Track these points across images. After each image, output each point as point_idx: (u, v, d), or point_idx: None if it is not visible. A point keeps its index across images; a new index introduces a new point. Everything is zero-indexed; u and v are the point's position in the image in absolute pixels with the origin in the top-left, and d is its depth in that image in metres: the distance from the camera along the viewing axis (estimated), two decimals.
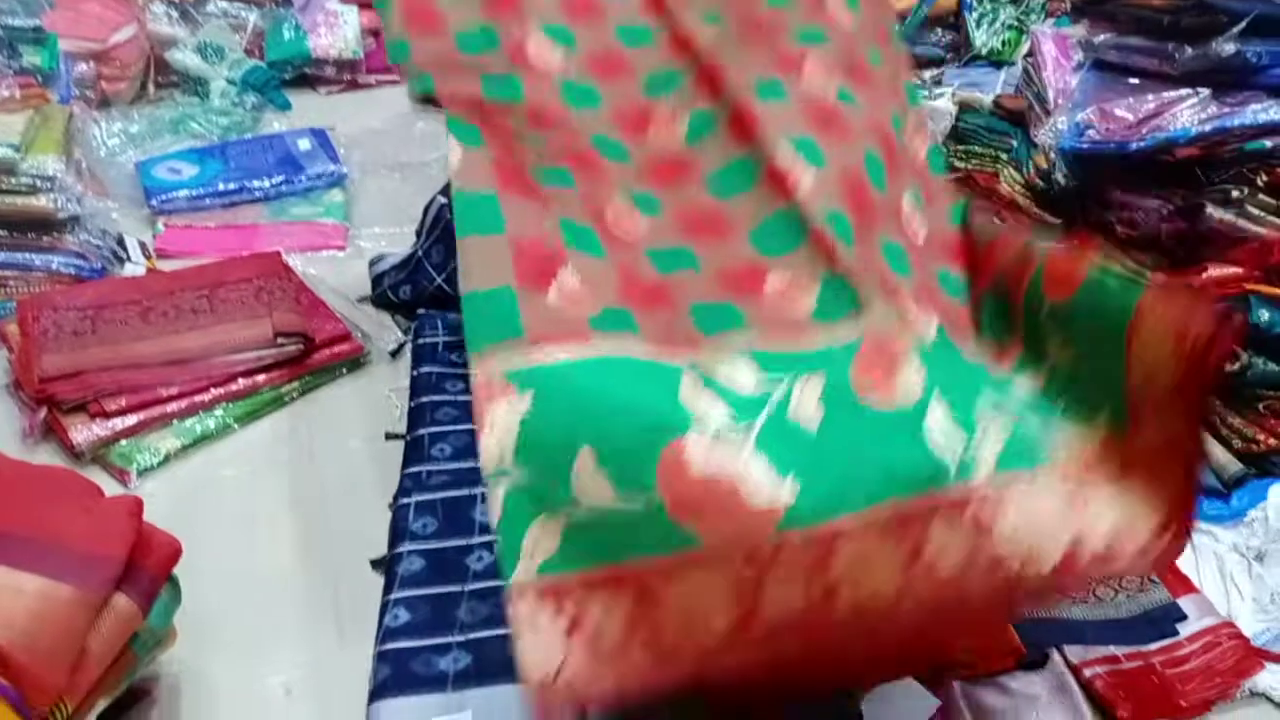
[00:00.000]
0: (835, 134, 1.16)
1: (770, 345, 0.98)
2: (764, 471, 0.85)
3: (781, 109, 1.17)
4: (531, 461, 0.87)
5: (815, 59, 1.25)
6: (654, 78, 1.32)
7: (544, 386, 0.88)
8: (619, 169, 1.21)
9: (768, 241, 1.09)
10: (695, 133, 1.23)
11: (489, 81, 1.24)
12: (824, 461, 0.87)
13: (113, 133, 2.45)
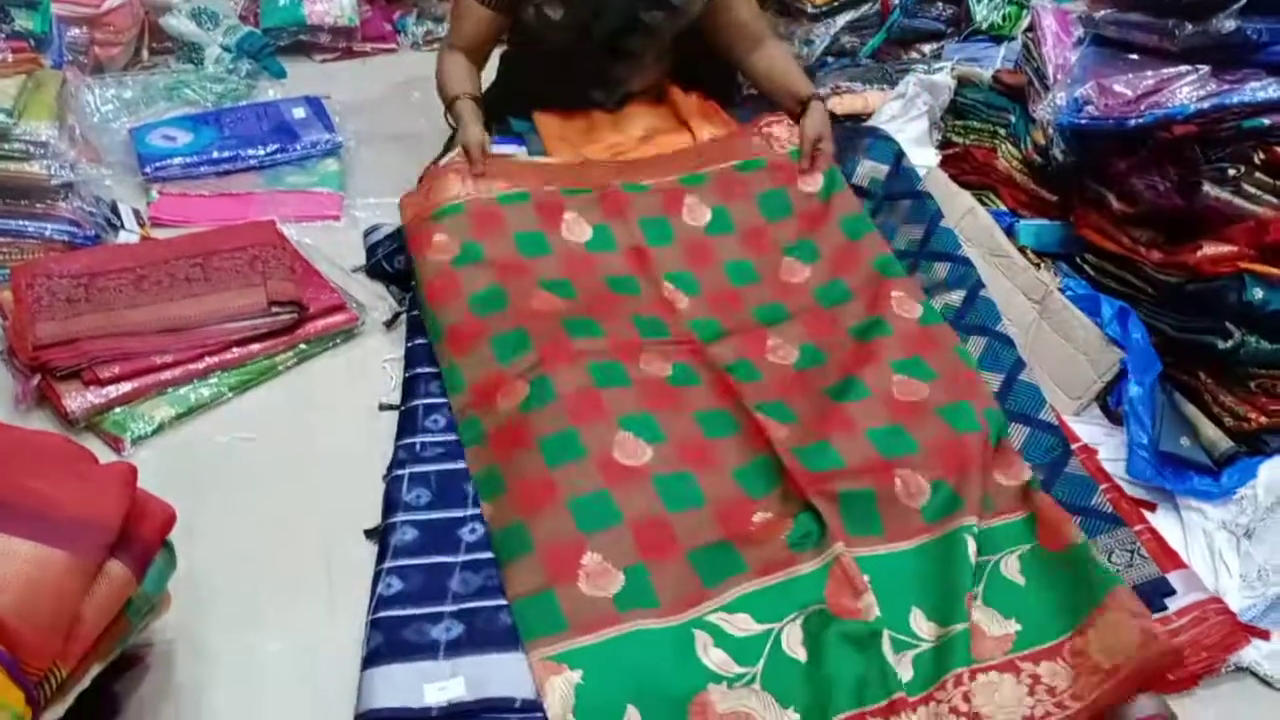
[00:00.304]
0: (797, 392, 1.58)
1: (761, 583, 1.29)
2: (770, 706, 1.18)
3: (752, 386, 1.56)
4: (588, 718, 1.16)
5: (775, 335, 1.67)
6: (639, 320, 1.67)
7: (590, 662, 1.20)
8: (619, 397, 1.51)
9: (750, 482, 1.43)
10: (677, 379, 1.57)
11: (499, 344, 1.58)
12: (812, 686, 1.19)
13: (106, 99, 2.43)
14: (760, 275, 1.81)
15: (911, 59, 2.60)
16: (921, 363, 1.61)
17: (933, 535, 1.36)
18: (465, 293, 1.67)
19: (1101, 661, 1.21)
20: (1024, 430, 1.59)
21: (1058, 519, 1.37)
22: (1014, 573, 1.34)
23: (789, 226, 1.88)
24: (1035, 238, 1.88)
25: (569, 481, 1.39)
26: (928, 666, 1.22)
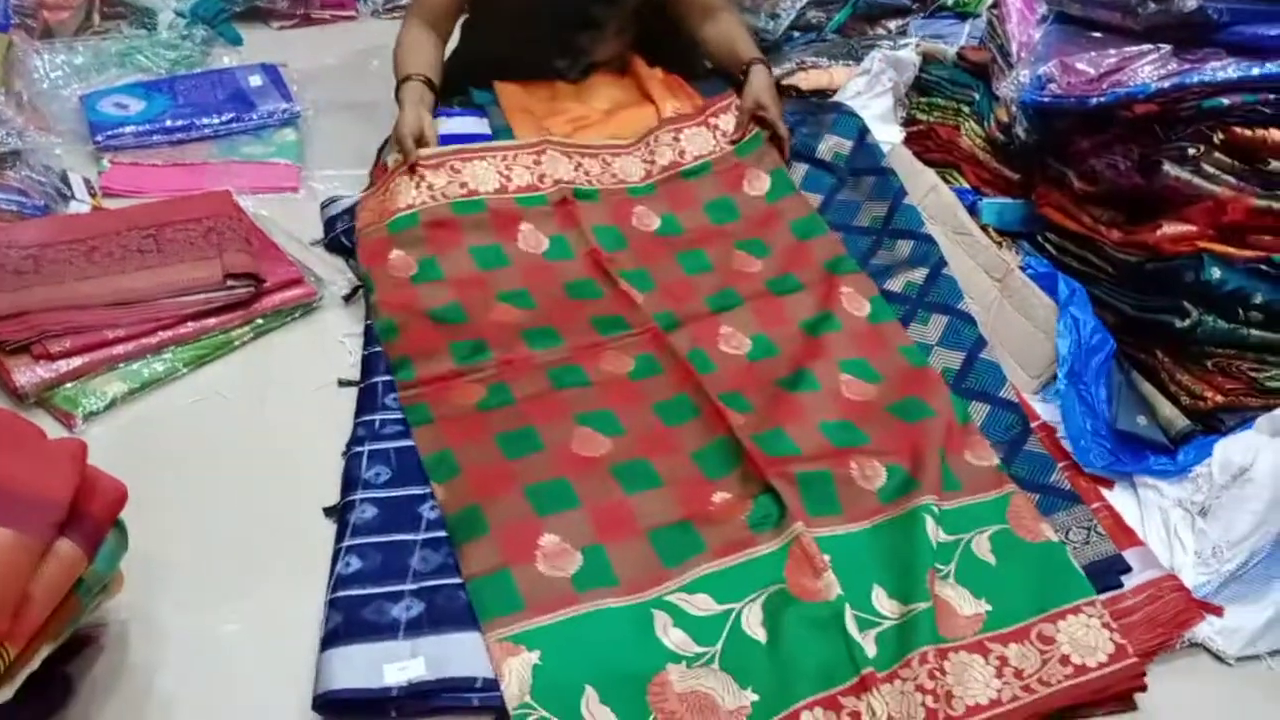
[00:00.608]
0: (750, 382, 1.61)
1: (721, 564, 1.30)
2: (728, 685, 1.18)
3: (710, 377, 1.59)
4: (545, 700, 1.15)
5: (727, 324, 1.70)
6: (599, 320, 1.69)
7: (548, 643, 1.20)
8: (578, 396, 1.54)
9: (709, 463, 1.45)
10: (639, 372, 1.60)
11: (459, 350, 1.60)
12: (773, 667, 1.20)
13: (55, 64, 2.36)
14: (713, 264, 1.84)
15: (877, 35, 2.58)
16: (868, 366, 1.64)
17: (889, 515, 1.38)
18: (424, 307, 1.69)
19: (1070, 654, 1.24)
20: (984, 408, 1.60)
21: (1031, 514, 1.41)
22: (985, 552, 1.36)
23: (737, 228, 1.91)
24: (997, 216, 1.89)
25: (526, 471, 1.40)
26: (891, 644, 1.23)
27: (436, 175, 1.84)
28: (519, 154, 1.92)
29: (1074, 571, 1.33)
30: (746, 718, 1.16)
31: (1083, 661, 1.23)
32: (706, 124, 2.02)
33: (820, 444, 1.49)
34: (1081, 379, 1.57)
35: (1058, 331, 1.61)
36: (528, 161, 1.92)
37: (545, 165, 1.92)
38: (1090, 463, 1.52)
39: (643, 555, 1.31)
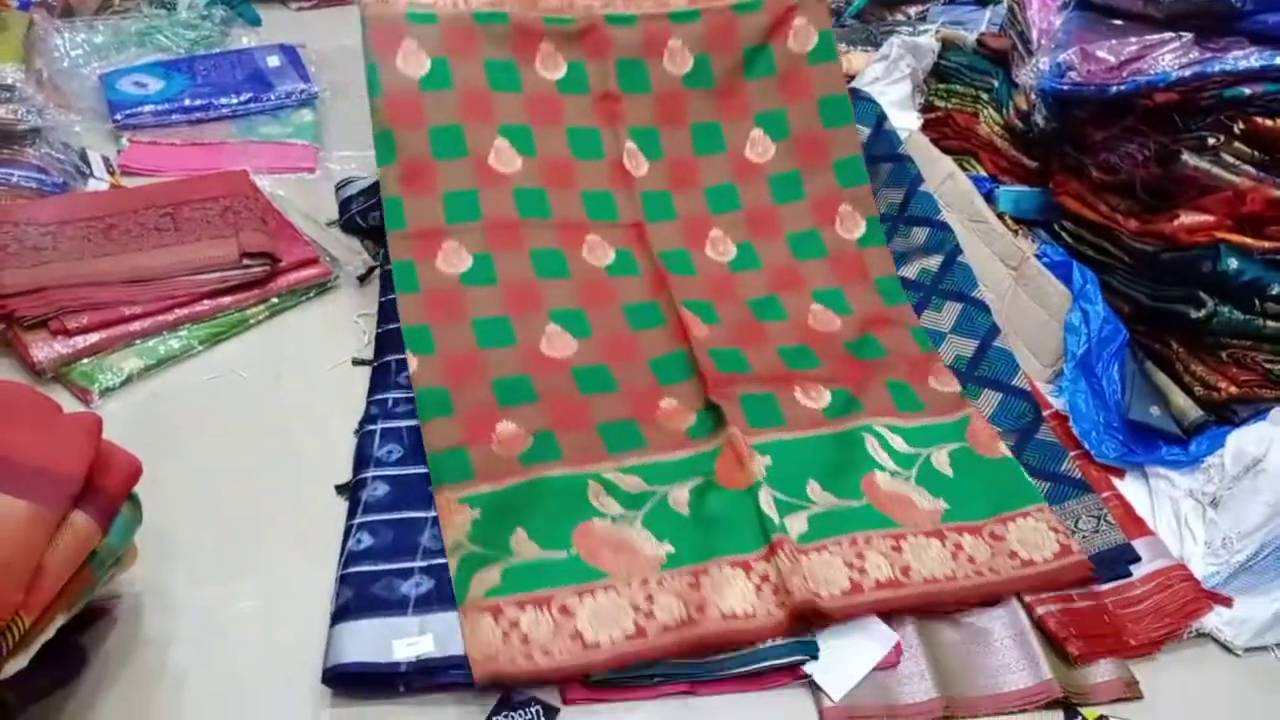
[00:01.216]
0: (726, 295, 1.69)
1: (656, 457, 1.43)
2: (647, 537, 1.33)
3: (686, 281, 1.68)
4: (479, 540, 1.30)
5: (719, 228, 1.75)
6: (590, 196, 1.73)
7: (488, 504, 1.34)
8: (555, 289, 1.62)
9: (666, 372, 1.56)
10: (617, 268, 1.68)
11: (452, 201, 1.64)
12: (692, 531, 1.33)
13: (76, 43, 2.37)
14: (726, 145, 1.83)
15: (896, 21, 2.57)
16: (841, 296, 1.73)
17: (832, 429, 1.50)
18: (426, 123, 1.67)
19: (1019, 551, 1.36)
20: (996, 396, 1.60)
21: (989, 433, 1.52)
22: (944, 465, 1.48)
23: (768, 88, 1.85)
24: (1014, 204, 1.88)
25: (495, 363, 1.53)
26: (822, 524, 1.36)
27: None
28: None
29: (1025, 482, 1.45)
30: (660, 564, 1.29)
31: (1029, 556, 1.35)
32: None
33: (773, 366, 1.60)
34: (1093, 371, 1.56)
35: (1067, 325, 1.61)
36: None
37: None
38: (1102, 453, 1.52)
39: (588, 440, 1.44)
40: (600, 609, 1.24)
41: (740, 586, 1.27)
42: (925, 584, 1.31)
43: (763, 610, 1.25)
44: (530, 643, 1.20)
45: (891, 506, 1.40)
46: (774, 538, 1.30)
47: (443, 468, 1.39)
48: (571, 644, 1.20)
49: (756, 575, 1.28)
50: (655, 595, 1.26)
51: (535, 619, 1.22)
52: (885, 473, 1.44)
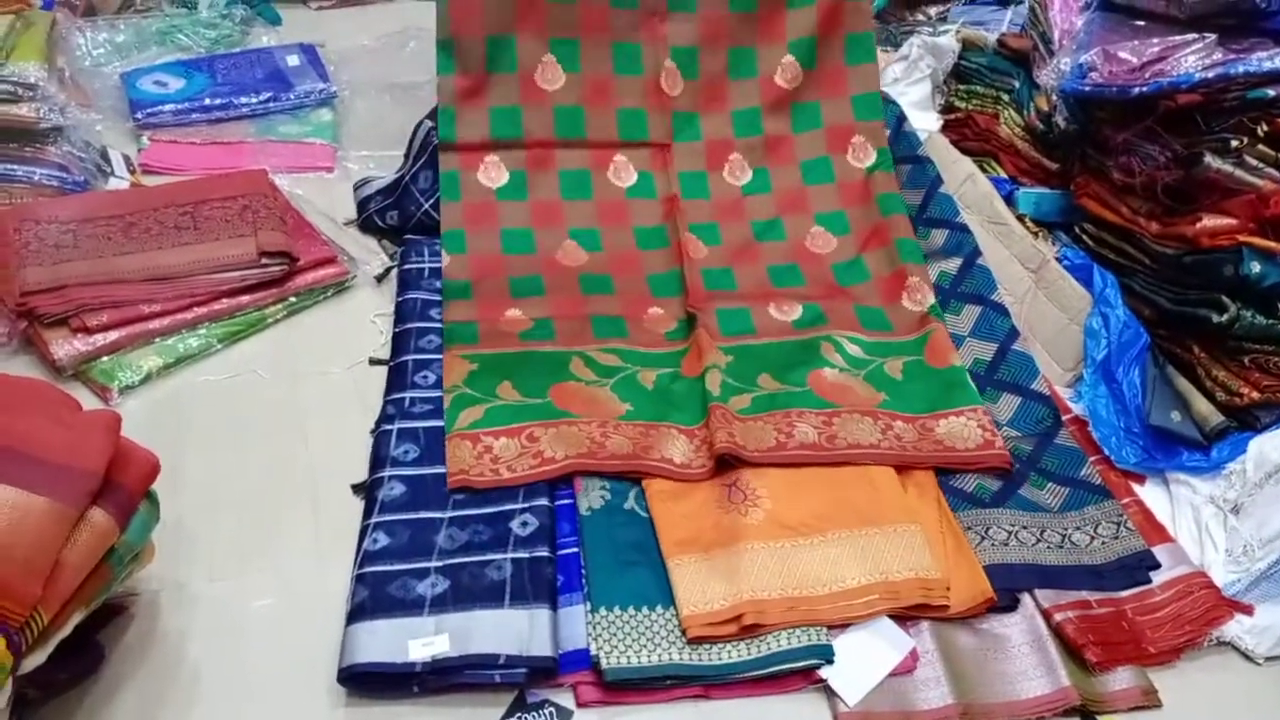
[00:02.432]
0: (733, 218, 1.88)
1: (634, 347, 1.65)
2: (613, 397, 1.55)
3: (697, 205, 1.88)
4: (472, 385, 1.55)
5: (738, 152, 1.92)
6: (624, 114, 1.90)
7: (485, 361, 1.60)
8: (577, 209, 1.85)
9: (659, 286, 1.78)
10: (636, 190, 1.89)
11: (497, 117, 1.85)
12: (652, 399, 1.56)
13: (98, 42, 2.39)
14: (759, 70, 1.94)
15: (917, 21, 2.55)
16: (842, 216, 1.88)
17: (797, 337, 1.67)
18: (484, 32, 1.83)
19: (944, 439, 1.51)
20: (1015, 400, 1.59)
21: (946, 346, 1.65)
22: (895, 371, 1.63)
23: (805, 17, 1.93)
24: (1034, 206, 1.87)
25: (514, 265, 1.77)
26: (762, 403, 1.54)
27: None
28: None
29: (966, 386, 1.59)
30: (618, 416, 1.51)
31: (952, 444, 1.50)
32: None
33: (759, 283, 1.79)
34: (1113, 376, 1.55)
35: (1087, 329, 1.60)
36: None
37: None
38: (1123, 459, 1.50)
39: (579, 327, 1.67)
40: (561, 435, 1.46)
41: (682, 444, 1.47)
42: (848, 448, 1.47)
43: (697, 462, 1.45)
44: (498, 461, 1.43)
45: (832, 394, 1.57)
46: (710, 405, 1.49)
47: (454, 334, 1.63)
48: (532, 460, 1.43)
49: (698, 440, 1.48)
50: (609, 434, 1.47)
51: (506, 444, 1.45)
52: (834, 369, 1.62)
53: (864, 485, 1.44)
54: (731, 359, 1.62)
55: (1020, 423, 1.56)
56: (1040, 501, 1.44)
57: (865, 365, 1.64)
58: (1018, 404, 1.59)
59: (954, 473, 1.48)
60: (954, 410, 1.55)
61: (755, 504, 1.39)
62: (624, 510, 1.39)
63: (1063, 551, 1.37)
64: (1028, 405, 1.58)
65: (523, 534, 1.33)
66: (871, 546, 1.35)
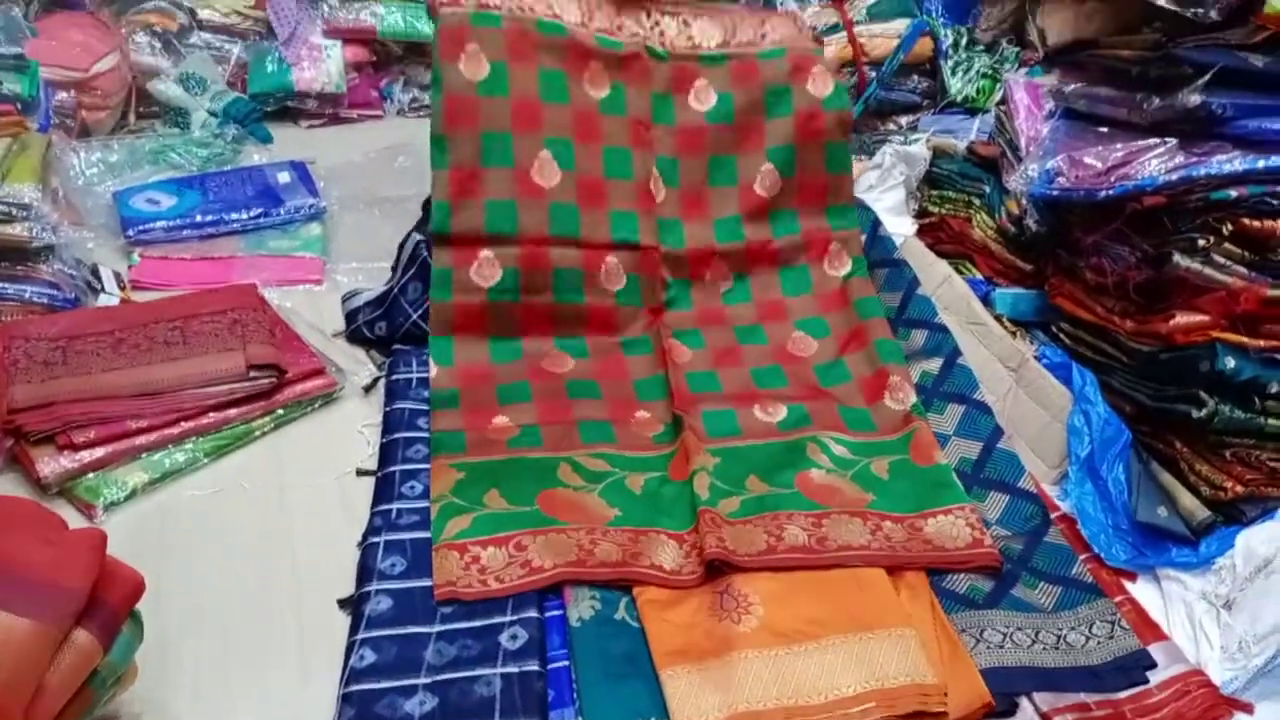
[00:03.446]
0: (715, 323, 1.91)
1: (622, 452, 1.66)
2: (601, 503, 1.56)
3: (681, 315, 1.92)
4: (459, 494, 1.55)
5: (718, 261, 1.95)
6: (617, 215, 1.91)
7: (472, 470, 1.60)
8: (565, 314, 1.87)
9: (645, 390, 1.80)
10: (622, 298, 1.90)
11: (493, 210, 1.83)
12: (640, 505, 1.56)
13: (91, 162, 2.44)
14: (738, 179, 1.98)
15: (888, 130, 2.65)
16: (822, 321, 1.92)
17: (782, 439, 1.68)
18: (480, 129, 1.84)
19: (933, 539, 1.51)
20: (1003, 498, 1.59)
21: (929, 443, 1.66)
22: (881, 471, 1.64)
23: (784, 125, 1.98)
24: (1011, 306, 1.91)
25: (502, 374, 1.78)
26: (751, 505, 1.54)
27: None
28: (602, 2, 1.97)
29: (953, 485, 1.59)
30: (607, 522, 1.51)
31: (943, 544, 1.50)
32: (794, 18, 2.07)
33: (743, 384, 1.81)
34: (1098, 473, 1.56)
35: (1070, 427, 1.62)
36: (609, 11, 1.96)
37: (624, 19, 1.97)
38: (1113, 556, 1.50)
39: (566, 431, 1.68)
40: (549, 543, 1.46)
41: (672, 550, 1.47)
42: (839, 550, 1.47)
43: (687, 568, 1.45)
44: (486, 571, 1.42)
45: (820, 495, 1.58)
46: (700, 509, 1.49)
47: (442, 443, 1.64)
48: (521, 569, 1.42)
49: (687, 545, 1.48)
50: (598, 540, 1.47)
51: (494, 553, 1.45)
52: (821, 470, 1.63)
53: (856, 588, 1.43)
54: (719, 461, 1.62)
55: (1009, 521, 1.56)
56: (1033, 601, 1.43)
57: (852, 465, 1.64)
58: (1005, 502, 1.59)
59: (945, 573, 1.48)
60: (942, 509, 1.55)
61: (748, 611, 1.38)
62: (615, 620, 1.38)
63: (1059, 653, 1.36)
64: (1016, 503, 1.58)
65: (512, 647, 1.31)
66: (866, 652, 1.33)
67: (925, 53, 2.67)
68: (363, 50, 2.92)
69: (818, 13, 2.62)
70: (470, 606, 1.37)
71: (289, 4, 2.85)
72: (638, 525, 1.51)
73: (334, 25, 2.86)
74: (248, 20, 2.85)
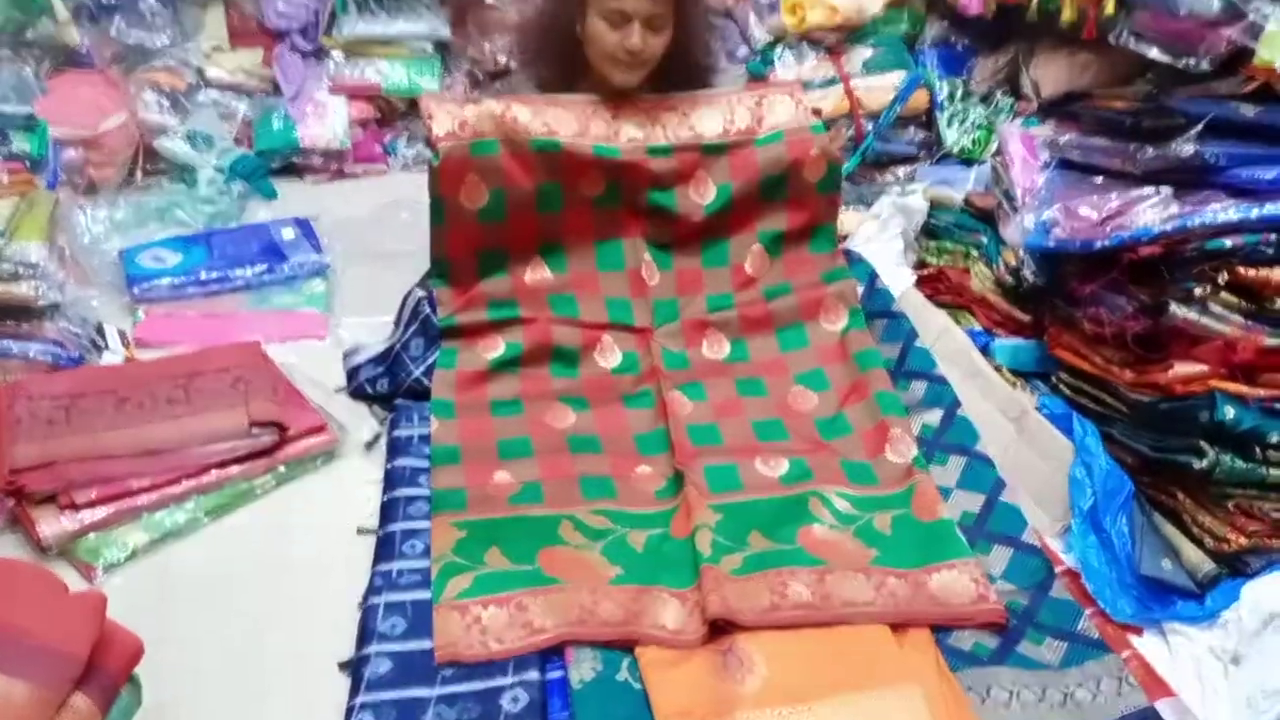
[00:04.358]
0: (716, 376, 1.93)
1: (624, 508, 1.66)
2: (603, 560, 1.56)
3: (680, 371, 1.93)
4: (460, 553, 1.55)
5: (713, 330, 1.98)
6: (612, 301, 1.99)
7: (474, 528, 1.60)
8: (565, 383, 1.91)
9: (646, 444, 1.81)
10: (621, 368, 1.95)
11: (494, 305, 1.94)
12: (642, 562, 1.56)
13: (98, 219, 2.45)
14: (729, 259, 2.03)
15: (886, 181, 2.67)
16: (822, 374, 1.94)
17: (784, 493, 1.68)
18: (478, 249, 1.93)
19: (937, 594, 1.51)
20: (1007, 552, 1.58)
21: (932, 498, 1.66)
22: (884, 527, 1.63)
23: (776, 209, 2.02)
24: (1011, 357, 1.91)
25: (503, 429, 1.80)
26: (754, 562, 1.54)
27: (521, 109, 1.91)
28: (597, 107, 1.97)
29: (956, 539, 1.59)
30: (609, 580, 1.51)
31: (946, 600, 1.49)
32: (791, 94, 2.07)
33: (745, 438, 1.81)
34: (1101, 525, 1.55)
35: (1071, 479, 1.61)
36: (605, 116, 1.97)
37: (622, 122, 1.97)
38: (1119, 611, 1.49)
39: (567, 487, 1.68)
40: (551, 603, 1.46)
41: (674, 608, 1.46)
42: (843, 607, 1.47)
43: (690, 627, 1.44)
44: (487, 632, 1.42)
45: (823, 551, 1.57)
46: (702, 566, 1.49)
47: (443, 501, 1.64)
48: (521, 630, 1.42)
49: (690, 603, 1.47)
50: (600, 600, 1.47)
51: (495, 613, 1.44)
52: (823, 525, 1.62)
53: (860, 645, 1.42)
54: (721, 517, 1.61)
55: (1014, 575, 1.55)
56: (1040, 658, 1.42)
57: (854, 521, 1.64)
58: (1010, 556, 1.58)
59: (950, 629, 1.47)
60: (945, 564, 1.55)
61: (751, 670, 1.37)
62: (617, 682, 1.36)
63: (1066, 711, 1.34)
64: (1020, 557, 1.57)
65: (513, 710, 1.30)
66: (872, 710, 1.32)
67: (921, 105, 2.70)
68: (367, 106, 2.96)
69: (815, 66, 2.65)
70: (471, 668, 1.37)
71: (295, 62, 2.90)
72: (640, 583, 1.51)
73: (339, 83, 2.90)
74: (255, 78, 2.90)
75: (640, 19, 1.84)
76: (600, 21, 1.86)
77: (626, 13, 1.83)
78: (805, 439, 1.82)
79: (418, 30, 2.93)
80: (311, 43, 2.93)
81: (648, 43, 1.87)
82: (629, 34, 1.85)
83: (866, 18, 2.71)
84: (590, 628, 1.43)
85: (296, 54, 2.92)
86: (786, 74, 2.63)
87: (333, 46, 2.91)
